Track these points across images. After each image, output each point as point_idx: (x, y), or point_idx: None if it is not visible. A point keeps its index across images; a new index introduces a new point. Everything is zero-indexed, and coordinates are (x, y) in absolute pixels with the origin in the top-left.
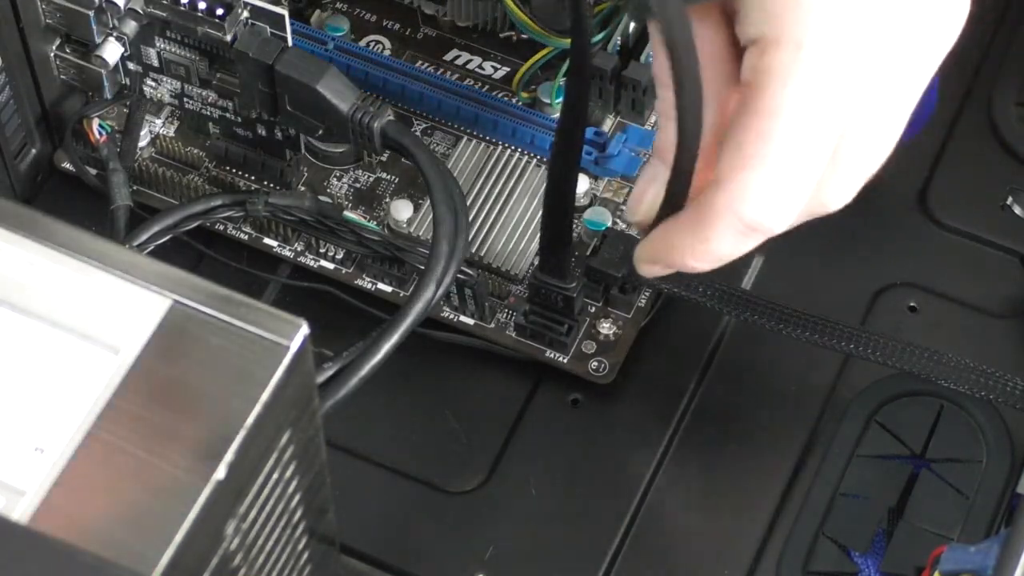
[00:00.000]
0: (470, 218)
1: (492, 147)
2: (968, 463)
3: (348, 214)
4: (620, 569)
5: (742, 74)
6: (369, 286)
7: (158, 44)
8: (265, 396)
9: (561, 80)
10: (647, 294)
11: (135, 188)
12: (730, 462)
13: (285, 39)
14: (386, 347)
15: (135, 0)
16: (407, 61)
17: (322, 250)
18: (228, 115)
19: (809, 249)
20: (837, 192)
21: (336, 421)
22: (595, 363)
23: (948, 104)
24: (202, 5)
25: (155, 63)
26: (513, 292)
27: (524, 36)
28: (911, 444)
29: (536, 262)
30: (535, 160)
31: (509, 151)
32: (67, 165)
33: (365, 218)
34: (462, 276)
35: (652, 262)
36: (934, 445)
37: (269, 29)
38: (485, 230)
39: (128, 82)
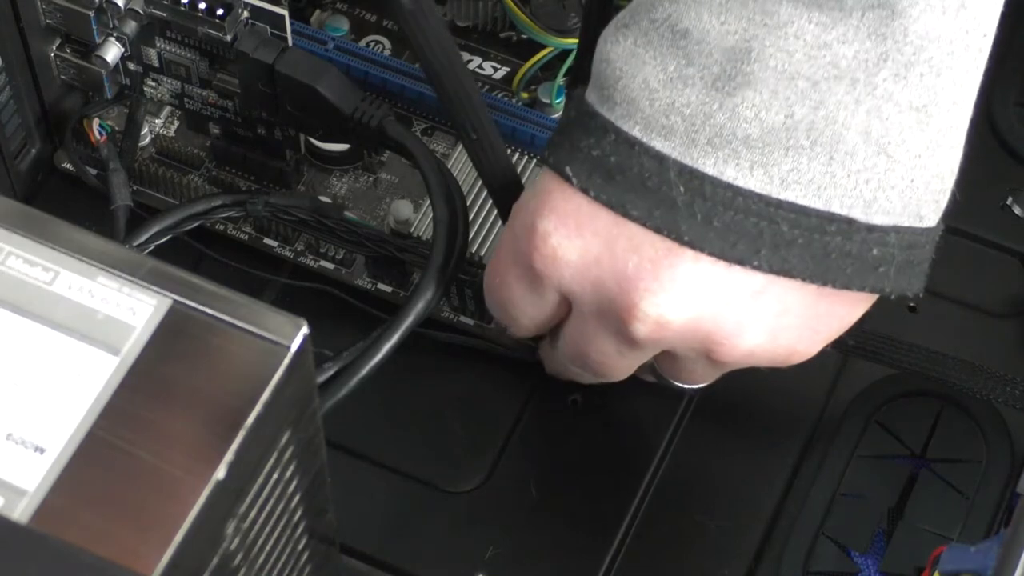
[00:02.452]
0: (470, 218)
1: None
2: (968, 463)
3: (348, 214)
4: (620, 569)
5: None
6: (369, 286)
7: (158, 44)
8: (265, 396)
9: (561, 80)
10: None
11: (135, 188)
12: (730, 462)
13: (285, 39)
14: (386, 347)
15: (135, 0)
16: (407, 61)
17: (322, 250)
18: (228, 115)
19: None
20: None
21: (336, 421)
22: None
23: None
24: (202, 5)
25: (155, 63)
26: None
27: (524, 36)
28: (911, 444)
29: None
30: (535, 160)
31: (509, 151)
32: (67, 165)
33: (365, 218)
34: (462, 276)
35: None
36: (934, 445)
37: (269, 29)
38: (485, 230)
39: (128, 82)
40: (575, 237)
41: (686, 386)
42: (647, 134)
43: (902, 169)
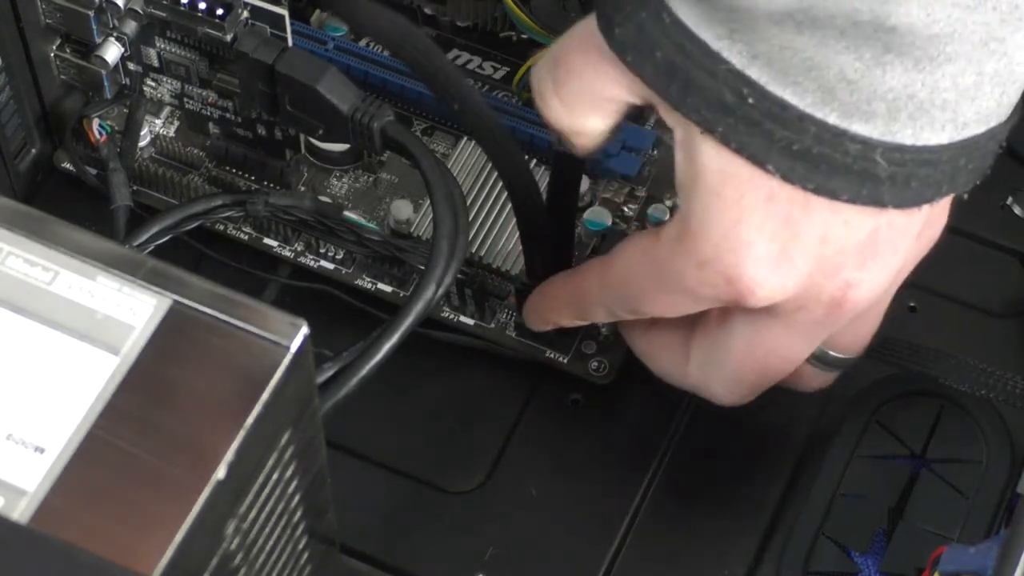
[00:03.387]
0: (470, 218)
1: None
2: (968, 463)
3: (348, 214)
4: (620, 569)
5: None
6: (369, 286)
7: (158, 44)
8: (265, 396)
9: None
10: None
11: (135, 188)
12: (730, 462)
13: (285, 39)
14: (386, 347)
15: (135, 0)
16: None
17: (322, 250)
18: (228, 115)
19: None
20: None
21: (336, 421)
22: (595, 363)
23: None
24: (202, 5)
25: (155, 63)
26: (513, 292)
27: (524, 36)
28: (911, 444)
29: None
30: (534, 160)
31: None
32: (67, 165)
33: (365, 218)
34: (462, 276)
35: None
36: (934, 445)
37: (269, 29)
38: (485, 230)
39: (128, 82)
40: (785, 270)
41: (849, 356)
42: (846, 120)
43: None
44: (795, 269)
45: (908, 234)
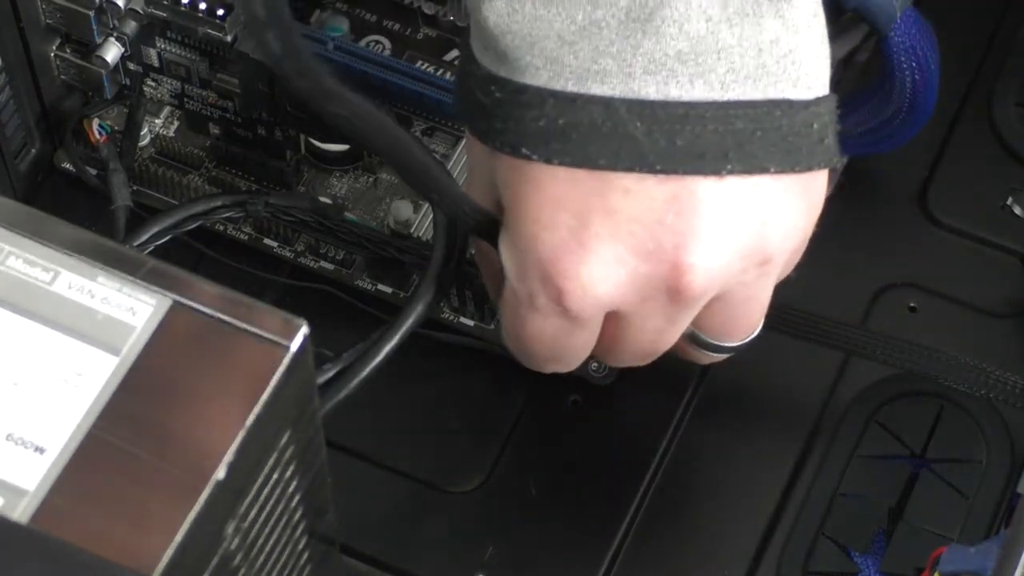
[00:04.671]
0: None
1: None
2: (968, 463)
3: (348, 214)
4: (620, 569)
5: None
6: (369, 286)
7: (158, 44)
8: (265, 396)
9: None
10: None
11: (135, 188)
12: (730, 462)
13: None
14: (387, 348)
15: (135, 0)
16: (407, 61)
17: (322, 250)
18: (228, 115)
19: (809, 249)
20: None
21: (336, 421)
22: (595, 363)
23: (948, 104)
24: (202, 5)
25: (155, 63)
26: None
27: None
28: (911, 444)
29: None
30: None
31: None
32: (67, 165)
33: (365, 218)
34: (462, 277)
35: None
36: (934, 445)
37: None
38: None
39: (128, 82)
40: (586, 258)
41: (732, 344)
42: (582, 84)
43: (814, 40)
44: (596, 254)
45: (731, 209)
